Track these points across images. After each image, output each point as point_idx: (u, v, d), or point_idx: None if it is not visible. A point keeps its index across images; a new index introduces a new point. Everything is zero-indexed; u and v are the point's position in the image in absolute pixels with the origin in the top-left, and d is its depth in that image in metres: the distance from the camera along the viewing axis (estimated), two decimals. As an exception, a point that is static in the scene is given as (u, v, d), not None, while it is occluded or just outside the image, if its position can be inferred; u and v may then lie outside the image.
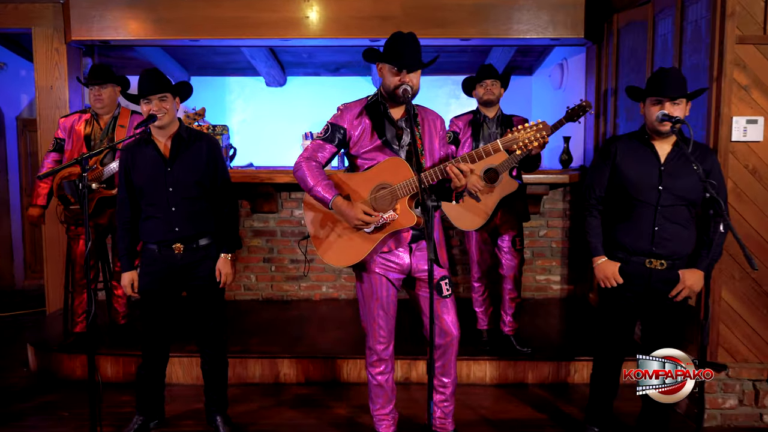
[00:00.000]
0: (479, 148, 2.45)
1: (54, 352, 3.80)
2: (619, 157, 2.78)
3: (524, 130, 2.41)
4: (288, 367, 3.70)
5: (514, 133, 2.42)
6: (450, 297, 2.72)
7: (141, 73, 2.77)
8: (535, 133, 2.40)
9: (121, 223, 2.90)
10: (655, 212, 2.68)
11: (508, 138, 2.42)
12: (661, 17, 3.64)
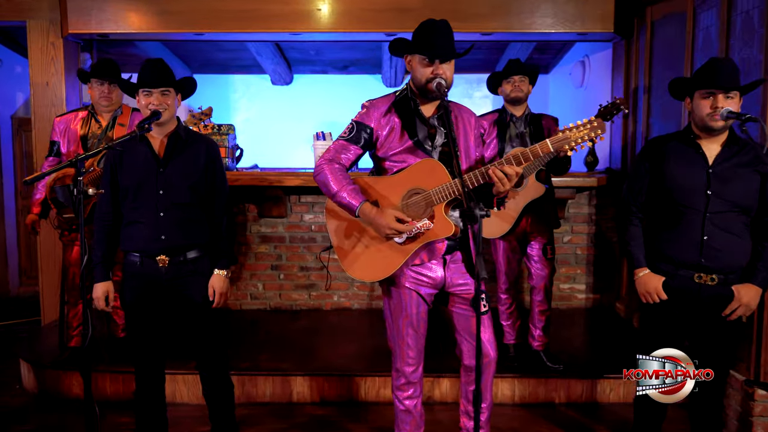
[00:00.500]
0: (526, 149, 2.18)
1: (49, 368, 3.53)
2: (662, 159, 2.53)
3: (576, 129, 2.15)
4: (301, 386, 3.43)
5: (566, 132, 2.15)
6: (487, 314, 2.46)
7: (144, 62, 2.50)
8: (589, 131, 2.14)
9: (100, 227, 2.60)
10: (704, 220, 2.42)
11: (559, 137, 2.15)
12: (704, 8, 3.38)
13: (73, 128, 3.50)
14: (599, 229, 4.60)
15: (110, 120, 3.52)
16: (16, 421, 3.27)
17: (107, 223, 2.56)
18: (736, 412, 3.01)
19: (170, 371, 2.90)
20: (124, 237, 2.54)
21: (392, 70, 6.22)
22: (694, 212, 2.44)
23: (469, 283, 2.42)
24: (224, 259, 2.64)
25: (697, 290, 2.46)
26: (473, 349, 2.44)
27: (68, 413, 3.32)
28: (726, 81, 2.34)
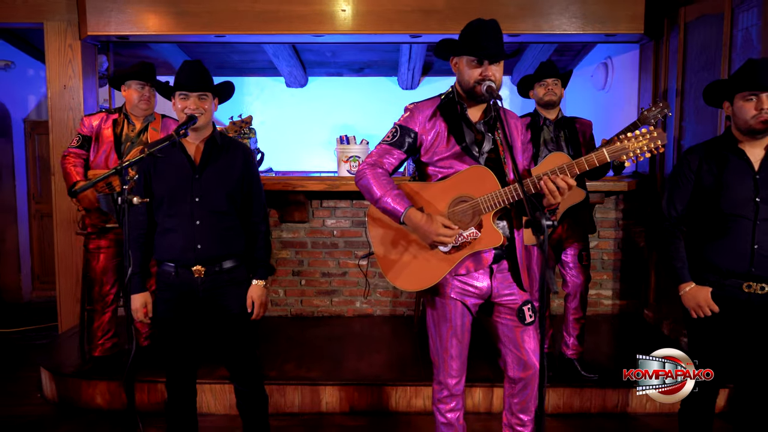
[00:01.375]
0: (581, 158, 2.11)
1: (72, 377, 3.44)
2: (703, 167, 2.45)
3: (636, 139, 2.07)
4: (330, 395, 3.35)
5: (624, 142, 2.08)
6: (533, 324, 2.37)
7: (183, 64, 2.42)
8: (649, 142, 2.06)
9: (135, 237, 2.50)
10: (754, 228, 2.35)
11: (617, 147, 2.07)
12: (743, 9, 3.30)
13: (105, 131, 3.41)
14: (627, 234, 4.52)
15: (144, 124, 3.44)
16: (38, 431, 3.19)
17: (142, 231, 2.47)
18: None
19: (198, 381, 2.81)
20: (158, 246, 2.45)
21: (409, 73, 6.15)
22: (742, 221, 2.36)
23: (516, 293, 2.34)
24: (262, 269, 2.55)
25: (746, 300, 2.39)
26: (518, 361, 2.37)
27: (92, 423, 3.24)
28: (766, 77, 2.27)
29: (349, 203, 4.49)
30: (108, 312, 3.53)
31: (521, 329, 2.35)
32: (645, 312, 4.40)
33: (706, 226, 2.47)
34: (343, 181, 4.18)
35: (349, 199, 4.47)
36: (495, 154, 2.28)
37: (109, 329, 3.55)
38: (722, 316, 2.44)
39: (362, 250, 4.52)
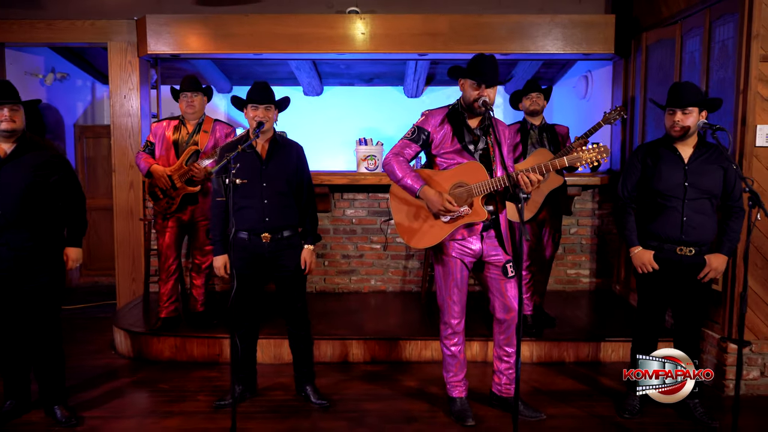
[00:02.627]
0: (548, 162, 2.91)
1: (144, 335, 4.21)
2: (649, 160, 3.24)
3: (587, 152, 2.89)
4: (356, 348, 4.13)
5: (579, 153, 2.89)
6: (513, 278, 3.16)
7: (254, 84, 3.22)
8: (596, 154, 2.88)
9: (216, 213, 3.29)
10: (683, 205, 3.14)
11: (573, 156, 2.89)
12: (689, 36, 4.11)
13: (167, 134, 4.20)
14: (601, 222, 5.32)
15: (196, 126, 4.22)
16: (118, 377, 3.94)
17: (222, 209, 3.26)
18: (713, 364, 3.71)
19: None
20: (237, 219, 3.24)
21: (414, 83, 6.94)
22: (675, 200, 3.16)
23: (500, 254, 3.13)
24: (311, 237, 3.35)
25: (679, 260, 3.18)
26: (503, 305, 3.16)
27: (163, 370, 4.00)
28: (682, 101, 3.06)
29: (366, 196, 5.28)
30: (171, 281, 4.31)
31: (505, 281, 3.14)
32: (615, 287, 5.20)
33: (649, 205, 3.26)
34: (362, 176, 4.98)
35: (366, 192, 5.26)
36: (486, 152, 3.08)
37: (172, 295, 4.33)
38: (661, 272, 3.22)
39: (377, 236, 5.31)
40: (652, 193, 3.22)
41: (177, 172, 4.09)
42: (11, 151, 3.10)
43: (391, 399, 3.55)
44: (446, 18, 4.87)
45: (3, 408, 3.28)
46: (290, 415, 3.33)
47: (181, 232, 4.30)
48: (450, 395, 3.32)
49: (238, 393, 3.46)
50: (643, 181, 3.26)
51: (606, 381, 3.82)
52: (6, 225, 3.04)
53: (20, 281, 3.11)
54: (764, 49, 3.48)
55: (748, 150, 3.52)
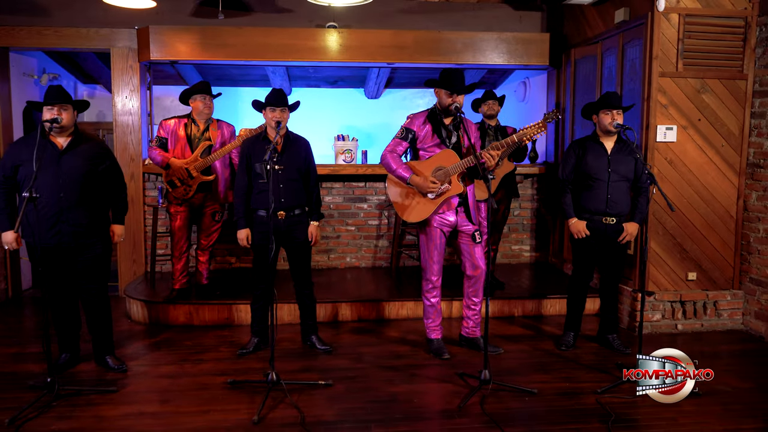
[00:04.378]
0: (504, 139, 3.87)
1: (161, 304, 4.90)
2: (581, 151, 4.23)
3: (530, 128, 3.85)
4: (344, 309, 4.97)
5: (525, 130, 3.85)
6: (480, 243, 4.09)
7: (272, 90, 4.01)
8: (537, 129, 3.86)
9: (240, 194, 4.06)
10: (607, 186, 4.14)
11: (521, 132, 3.86)
12: (608, 54, 5.16)
13: (178, 131, 4.89)
14: (539, 206, 6.36)
15: (205, 125, 4.93)
16: (138, 339, 4.61)
17: (244, 191, 4.03)
18: (628, 311, 4.77)
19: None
20: (256, 200, 4.02)
21: (375, 86, 7.81)
22: (602, 182, 4.15)
23: (469, 225, 4.05)
24: (316, 214, 4.17)
25: (604, 228, 4.17)
26: (472, 265, 4.09)
27: (179, 333, 4.70)
28: (618, 103, 4.07)
29: (342, 184, 6.11)
30: (183, 258, 5.01)
31: (473, 245, 4.06)
32: (551, 259, 6.25)
33: (582, 186, 4.23)
34: (341, 167, 5.81)
35: (342, 181, 6.09)
36: (458, 143, 3.99)
37: (183, 270, 5.03)
38: (591, 238, 4.20)
39: (352, 219, 6.16)
40: (584, 177, 4.19)
41: (193, 163, 4.79)
42: (67, 144, 3.76)
43: (380, 345, 4.41)
44: (412, 33, 5.77)
45: (60, 360, 3.93)
46: (302, 357, 4.14)
47: (191, 216, 5.00)
48: (429, 337, 4.22)
49: (254, 344, 4.24)
50: (577, 168, 4.23)
51: (547, 328, 4.82)
52: (67, 206, 3.70)
53: (77, 253, 3.77)
54: (662, 67, 4.55)
55: (651, 144, 4.59)
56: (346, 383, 3.69)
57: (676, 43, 4.56)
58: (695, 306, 4.74)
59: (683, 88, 4.60)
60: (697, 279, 4.74)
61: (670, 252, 4.70)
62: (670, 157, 4.62)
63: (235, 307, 4.89)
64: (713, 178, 4.70)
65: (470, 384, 3.65)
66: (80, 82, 7.64)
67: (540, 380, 3.74)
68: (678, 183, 4.65)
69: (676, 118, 4.61)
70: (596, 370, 3.89)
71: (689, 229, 4.70)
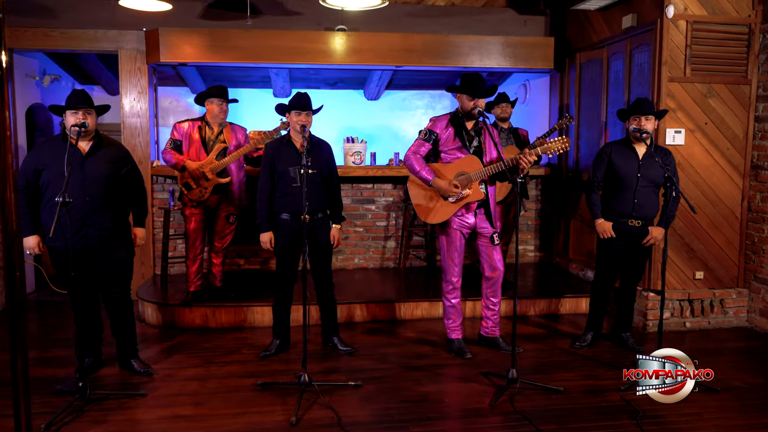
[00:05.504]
0: (536, 148, 3.93)
1: (176, 306, 4.90)
2: (613, 155, 4.29)
3: (554, 143, 3.92)
4: (359, 310, 5.02)
5: (549, 144, 3.92)
6: (499, 245, 4.17)
7: (297, 93, 4.05)
8: (561, 144, 3.92)
9: (263, 198, 4.08)
10: (635, 191, 4.22)
11: (546, 146, 3.93)
12: (614, 59, 5.28)
13: (193, 134, 4.89)
14: (543, 207, 6.47)
15: (220, 128, 4.94)
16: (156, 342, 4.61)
17: (268, 194, 4.06)
18: (638, 311, 4.89)
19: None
20: (280, 203, 4.05)
21: (377, 88, 7.87)
22: (630, 186, 4.21)
23: (488, 227, 4.13)
24: (338, 217, 4.21)
25: (629, 230, 4.26)
26: (490, 266, 4.17)
27: (195, 336, 4.70)
28: (648, 110, 4.11)
29: (350, 186, 6.15)
30: (198, 260, 5.02)
31: (492, 247, 4.14)
32: (556, 259, 6.37)
33: (611, 189, 4.29)
34: (351, 169, 5.85)
35: (350, 183, 6.13)
36: (479, 148, 4.06)
37: (198, 272, 5.03)
38: (617, 239, 4.27)
39: (360, 221, 6.20)
40: (613, 180, 4.25)
41: (208, 165, 4.80)
42: (90, 148, 3.75)
43: (400, 345, 4.47)
44: (420, 37, 5.83)
45: (84, 364, 3.91)
46: (325, 359, 4.19)
47: (206, 218, 5.01)
48: (450, 337, 4.29)
49: (276, 345, 4.27)
50: (608, 171, 4.29)
51: (561, 327, 4.92)
52: (93, 210, 3.70)
53: (102, 256, 3.77)
54: (671, 72, 4.68)
55: (661, 147, 4.71)
56: (375, 384, 3.74)
57: (684, 48, 4.69)
58: (702, 304, 4.88)
59: (691, 92, 4.74)
60: (704, 278, 4.89)
61: (678, 252, 4.83)
62: (678, 160, 4.75)
63: (251, 309, 4.91)
64: (719, 180, 4.85)
65: (496, 383, 3.73)
66: (78, 83, 7.56)
67: (563, 378, 3.83)
68: (686, 185, 4.78)
69: (684, 121, 4.75)
70: (615, 368, 3.99)
71: (696, 229, 4.84)
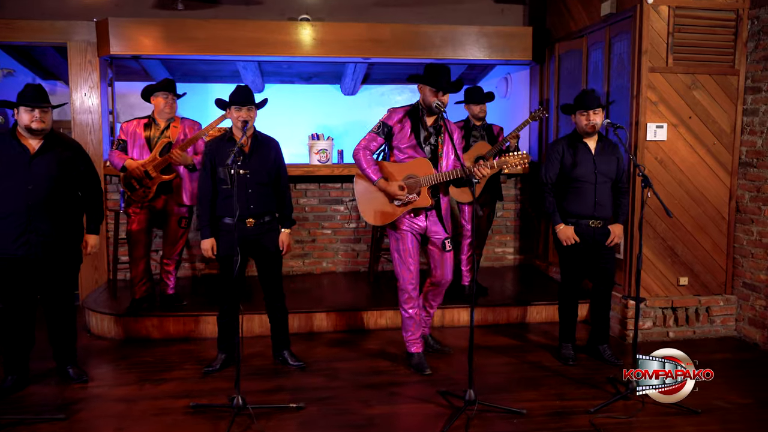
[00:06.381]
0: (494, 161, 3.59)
1: (122, 316, 4.56)
2: (565, 152, 3.98)
3: (514, 157, 3.57)
4: (320, 319, 4.67)
5: (507, 158, 3.57)
6: (450, 252, 3.85)
7: (237, 87, 3.69)
8: (520, 160, 3.57)
9: (204, 200, 3.74)
10: (594, 188, 3.90)
11: (503, 161, 3.59)
12: (594, 48, 4.92)
13: (139, 132, 4.55)
14: (523, 206, 6.12)
15: (166, 124, 4.59)
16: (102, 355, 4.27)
17: (209, 197, 3.71)
18: (617, 319, 4.55)
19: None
20: (223, 206, 3.70)
21: (352, 82, 7.51)
22: (588, 184, 3.91)
23: (440, 231, 3.80)
24: (287, 221, 3.87)
25: (592, 231, 3.94)
26: (440, 273, 3.87)
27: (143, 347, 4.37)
28: (594, 103, 3.82)
29: (317, 186, 5.81)
30: (141, 264, 4.67)
31: (443, 253, 3.82)
32: (536, 262, 6.02)
33: (567, 189, 3.99)
34: (316, 168, 5.51)
35: (317, 183, 5.79)
36: (436, 149, 3.72)
37: (143, 277, 4.69)
38: (579, 242, 3.96)
39: (328, 222, 5.86)
40: (569, 180, 3.95)
41: (151, 163, 4.46)
42: (39, 147, 3.44)
43: (358, 359, 4.13)
44: (388, 27, 5.48)
45: (6, 383, 3.58)
46: (272, 376, 3.84)
47: (152, 220, 4.67)
48: (409, 351, 3.94)
49: (222, 360, 3.93)
50: (561, 170, 3.99)
51: (534, 337, 4.58)
52: (36, 214, 3.38)
53: (45, 264, 3.48)
54: (652, 62, 4.32)
55: (641, 144, 4.36)
56: (320, 405, 3.40)
57: (666, 36, 4.33)
58: (687, 312, 4.53)
59: (673, 84, 4.38)
60: (688, 284, 4.54)
61: (660, 256, 4.49)
62: (660, 157, 4.41)
63: (203, 319, 4.57)
64: (704, 178, 4.50)
65: (453, 404, 3.39)
66: (40, 78, 7.21)
67: (528, 398, 3.48)
68: (668, 183, 4.43)
69: (667, 115, 4.40)
70: (587, 385, 3.65)
71: (680, 231, 4.49)
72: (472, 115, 4.95)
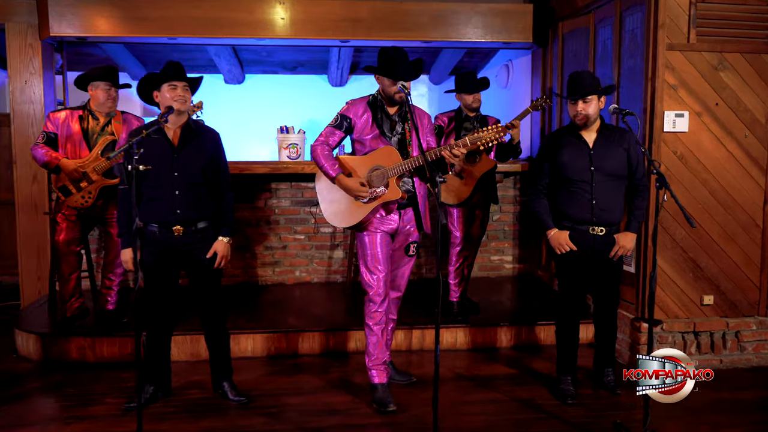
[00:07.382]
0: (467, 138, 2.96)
1: (51, 336, 3.95)
2: (557, 149, 3.31)
3: (487, 131, 2.92)
4: (279, 341, 4.01)
5: (480, 133, 2.93)
6: (413, 258, 3.28)
7: (167, 63, 3.04)
8: (495, 134, 2.91)
9: (124, 204, 3.09)
10: (591, 189, 3.22)
11: (475, 137, 2.95)
12: (602, 26, 4.21)
13: (72, 125, 3.93)
14: (523, 209, 5.41)
15: (107, 119, 3.97)
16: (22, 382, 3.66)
17: (129, 198, 3.05)
18: (627, 344, 3.84)
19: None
20: (145, 211, 3.06)
21: (338, 72, 6.85)
22: (583, 183, 3.23)
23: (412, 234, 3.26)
24: (226, 228, 3.21)
25: (592, 239, 3.25)
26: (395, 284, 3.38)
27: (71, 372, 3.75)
28: (584, 89, 3.14)
29: (289, 185, 5.16)
30: (72, 279, 4.05)
31: (405, 258, 3.28)
32: (539, 272, 5.31)
33: (561, 189, 3.31)
34: (284, 165, 4.86)
35: (288, 182, 5.14)
36: (403, 137, 3.13)
37: (73, 293, 4.07)
38: (577, 252, 3.28)
39: (300, 226, 5.21)
40: (562, 180, 3.28)
41: (92, 164, 3.84)
42: None
43: (314, 392, 3.46)
44: (367, 4, 4.81)
45: None
46: (206, 414, 3.19)
47: (84, 229, 4.06)
48: (372, 382, 3.27)
49: (149, 393, 3.29)
50: (554, 169, 3.32)
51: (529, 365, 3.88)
52: None
53: None
54: (670, 38, 3.61)
55: (657, 135, 3.65)
56: (250, 459, 2.75)
57: (688, 7, 3.63)
58: (712, 337, 3.81)
59: (697, 64, 3.67)
60: (714, 303, 3.81)
61: (680, 270, 3.77)
62: (680, 151, 3.69)
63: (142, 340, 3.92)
64: (734, 177, 3.77)
65: (418, 459, 2.71)
66: (0, 69, 6.65)
67: (512, 452, 2.80)
68: (690, 183, 3.72)
69: (688, 102, 3.68)
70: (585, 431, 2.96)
71: (704, 240, 3.77)
72: (464, 105, 4.25)
